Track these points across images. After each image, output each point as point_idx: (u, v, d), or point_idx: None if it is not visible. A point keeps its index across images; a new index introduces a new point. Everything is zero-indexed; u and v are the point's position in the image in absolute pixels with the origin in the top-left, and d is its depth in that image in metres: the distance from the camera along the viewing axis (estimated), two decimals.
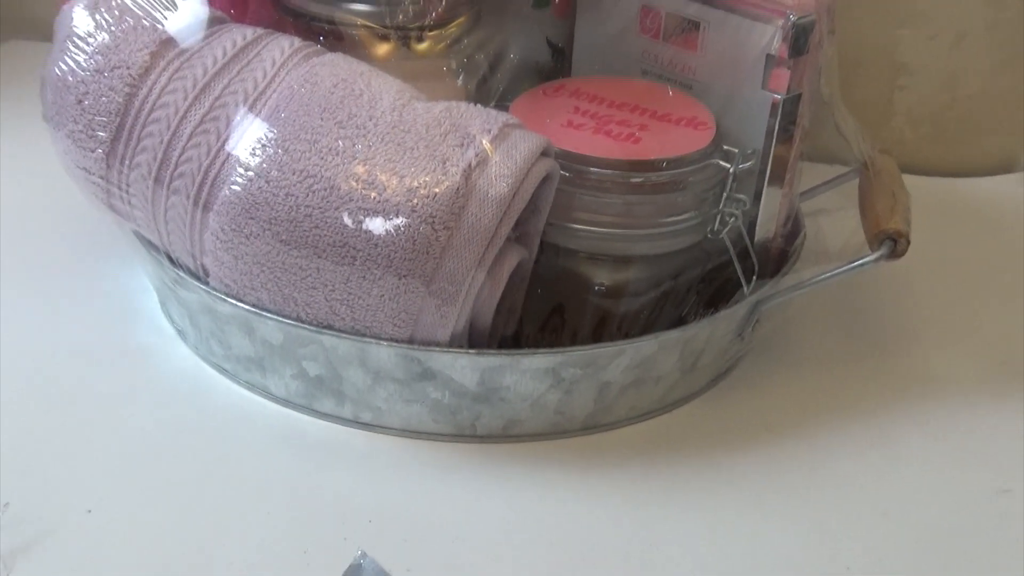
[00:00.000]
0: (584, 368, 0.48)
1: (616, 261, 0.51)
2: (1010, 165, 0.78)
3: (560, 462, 0.49)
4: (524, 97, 0.54)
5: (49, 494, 0.45)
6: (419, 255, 0.44)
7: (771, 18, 0.50)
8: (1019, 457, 0.51)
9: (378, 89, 0.47)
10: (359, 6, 0.52)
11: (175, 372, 0.53)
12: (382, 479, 0.47)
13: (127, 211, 0.50)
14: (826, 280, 0.53)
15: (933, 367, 0.57)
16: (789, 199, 0.56)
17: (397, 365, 0.47)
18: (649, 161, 0.49)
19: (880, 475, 0.49)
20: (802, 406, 0.54)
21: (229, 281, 0.48)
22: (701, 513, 0.46)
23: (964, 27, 0.74)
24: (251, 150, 0.46)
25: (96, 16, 0.49)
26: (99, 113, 0.48)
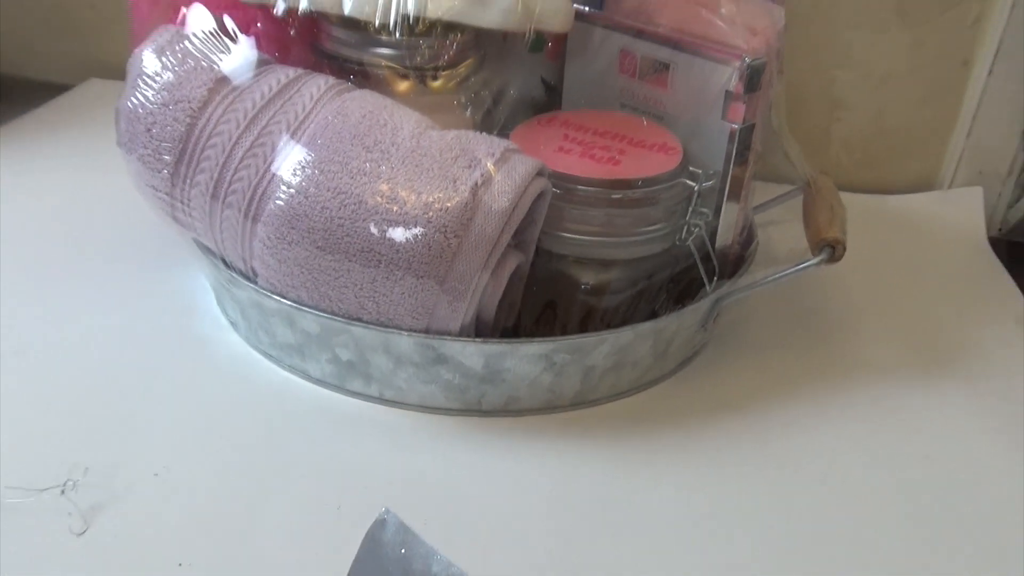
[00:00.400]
0: (572, 354, 0.48)
1: (599, 264, 0.51)
2: (929, 184, 0.78)
3: (552, 433, 0.49)
4: (522, 127, 0.54)
5: (122, 459, 0.45)
6: (434, 259, 0.44)
7: (729, 61, 0.50)
8: (937, 429, 0.51)
9: (399, 120, 0.47)
10: (383, 50, 0.52)
11: (229, 357, 0.53)
12: (403, 448, 0.47)
13: (188, 222, 0.50)
14: (775, 280, 0.53)
15: (865, 353, 0.57)
16: (744, 212, 0.56)
17: (415, 351, 0.47)
18: (627, 180, 0.49)
19: (820, 444, 0.49)
20: (756, 386, 0.53)
21: (274, 281, 0.48)
22: (671, 475, 0.46)
23: (889, 69, 0.74)
24: (292, 171, 0.46)
25: (162, 58, 0.49)
26: (165, 140, 0.48)
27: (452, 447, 0.47)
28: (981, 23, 0.71)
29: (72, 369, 0.51)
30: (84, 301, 0.56)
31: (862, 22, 0.72)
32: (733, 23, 0.52)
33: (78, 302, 0.56)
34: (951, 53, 0.73)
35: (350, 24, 0.51)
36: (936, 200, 0.76)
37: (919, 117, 0.76)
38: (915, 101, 0.75)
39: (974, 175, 0.75)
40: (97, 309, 0.56)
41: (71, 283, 0.58)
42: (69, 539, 0.40)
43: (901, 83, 0.74)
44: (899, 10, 0.71)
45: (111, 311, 0.55)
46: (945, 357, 0.57)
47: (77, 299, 0.56)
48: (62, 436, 0.46)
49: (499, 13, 0.49)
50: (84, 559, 0.39)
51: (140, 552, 0.40)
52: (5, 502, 0.41)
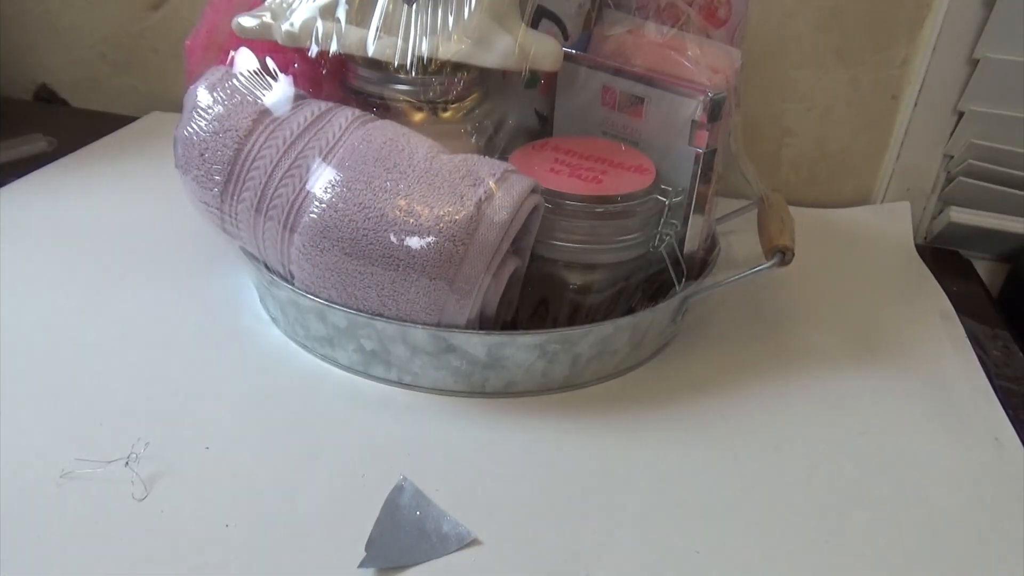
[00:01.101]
0: (562, 344, 0.48)
1: (585, 267, 0.51)
2: (864, 200, 0.77)
3: (545, 412, 0.49)
4: (519, 151, 0.53)
5: (177, 435, 0.44)
6: (444, 263, 0.44)
7: (695, 95, 0.50)
8: (873, 407, 0.51)
9: (415, 145, 0.47)
10: (401, 86, 0.51)
11: (269, 348, 0.52)
12: (418, 424, 0.47)
13: (235, 232, 0.49)
14: (735, 281, 0.52)
15: (812, 344, 0.57)
16: (708, 223, 0.55)
17: (429, 342, 0.47)
18: (608, 196, 0.49)
19: (774, 419, 0.49)
20: (719, 371, 0.53)
21: (308, 282, 0.47)
22: (647, 446, 0.46)
23: (831, 102, 0.74)
24: (324, 188, 0.45)
25: (214, 94, 0.48)
26: (215, 163, 0.47)
27: (460, 424, 0.47)
28: (907, 64, 0.70)
29: (135, 357, 0.50)
30: (146, 300, 0.56)
31: (807, 63, 0.72)
32: (698, 64, 0.51)
33: (141, 300, 0.55)
34: (882, 89, 0.72)
35: (373, 64, 0.50)
36: (871, 213, 0.75)
37: (856, 143, 0.75)
38: (852, 129, 0.75)
39: (903, 192, 0.74)
40: (157, 306, 0.55)
41: (135, 285, 0.57)
42: (132, 504, 0.40)
43: (840, 114, 0.74)
44: (838, 53, 0.71)
45: (169, 308, 0.55)
46: (880, 346, 0.57)
47: (140, 298, 0.56)
48: (126, 415, 0.45)
49: (499, 55, 0.48)
50: (145, 521, 0.39)
51: (192, 514, 0.40)
52: (78, 472, 0.41)
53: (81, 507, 0.39)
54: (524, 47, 0.49)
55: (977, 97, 0.67)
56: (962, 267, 0.71)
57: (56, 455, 0.42)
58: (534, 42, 0.49)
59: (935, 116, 0.70)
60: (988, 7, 0.64)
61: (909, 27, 0.69)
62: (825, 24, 0.70)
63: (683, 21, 0.54)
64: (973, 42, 0.66)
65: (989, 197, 0.69)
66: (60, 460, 0.41)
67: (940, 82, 0.68)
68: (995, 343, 0.59)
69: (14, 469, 0.41)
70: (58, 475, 0.41)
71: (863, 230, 0.73)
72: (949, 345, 0.57)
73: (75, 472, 0.41)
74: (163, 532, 0.38)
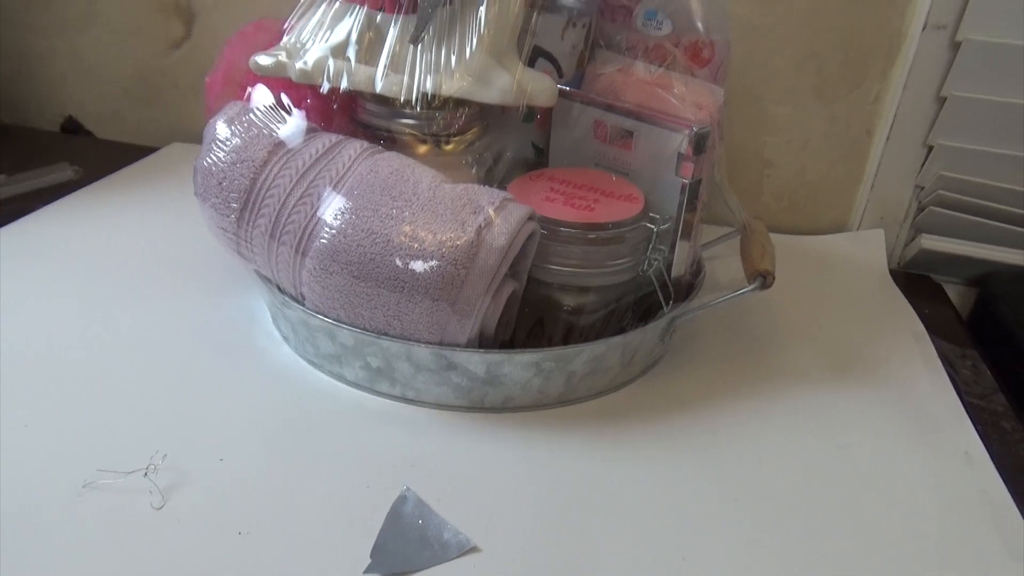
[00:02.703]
0: (557, 362, 0.48)
1: (578, 290, 0.51)
2: (841, 227, 0.78)
3: (541, 426, 0.49)
4: (517, 181, 0.53)
5: (194, 447, 0.44)
6: (446, 286, 0.44)
7: (681, 129, 0.50)
8: (850, 422, 0.51)
9: (419, 175, 0.47)
10: (407, 120, 0.51)
11: (281, 365, 0.52)
12: (420, 438, 0.47)
13: (250, 256, 0.50)
14: (719, 303, 0.53)
15: (792, 362, 0.57)
16: (694, 249, 0.56)
17: (431, 360, 0.47)
18: (600, 224, 0.49)
19: (757, 434, 0.49)
20: (705, 388, 0.53)
21: (319, 303, 0.47)
22: (637, 460, 0.46)
23: (809, 136, 0.74)
24: (334, 215, 0.46)
25: (231, 127, 0.49)
26: (233, 191, 0.48)
27: (460, 438, 0.47)
28: (880, 101, 0.71)
29: (154, 374, 0.50)
30: (165, 319, 0.56)
31: (786, 100, 0.73)
32: (683, 100, 0.52)
33: (160, 320, 0.56)
34: (857, 124, 0.73)
35: (381, 100, 0.51)
36: (847, 240, 0.76)
37: (833, 174, 0.76)
38: (829, 161, 0.75)
39: (877, 220, 0.75)
40: (176, 325, 0.55)
41: (155, 305, 0.57)
42: (150, 512, 0.40)
43: (818, 147, 0.75)
44: (815, 91, 0.72)
45: (187, 327, 0.55)
46: (856, 365, 0.57)
47: (160, 318, 0.56)
48: (145, 428, 0.45)
49: (498, 92, 0.49)
50: (163, 528, 0.39)
51: (208, 522, 0.40)
52: (99, 483, 0.41)
53: (102, 516, 0.39)
54: (522, 84, 0.49)
55: (945, 132, 0.68)
56: (933, 291, 0.71)
57: (79, 466, 0.42)
58: (531, 80, 0.50)
59: (906, 150, 0.71)
60: (954, 49, 0.65)
61: (881, 67, 0.70)
62: (803, 64, 0.71)
63: (670, 61, 0.54)
64: (940, 81, 0.66)
65: (958, 225, 0.70)
66: (83, 471, 0.41)
67: (910, 118, 0.69)
68: (964, 362, 0.59)
69: (40, 479, 0.41)
70: (81, 485, 0.41)
71: (840, 256, 0.73)
72: (921, 364, 0.57)
73: (97, 482, 0.41)
74: (179, 539, 0.39)
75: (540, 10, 0.53)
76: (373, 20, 0.50)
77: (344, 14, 0.51)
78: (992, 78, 0.65)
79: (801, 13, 0.69)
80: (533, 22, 0.52)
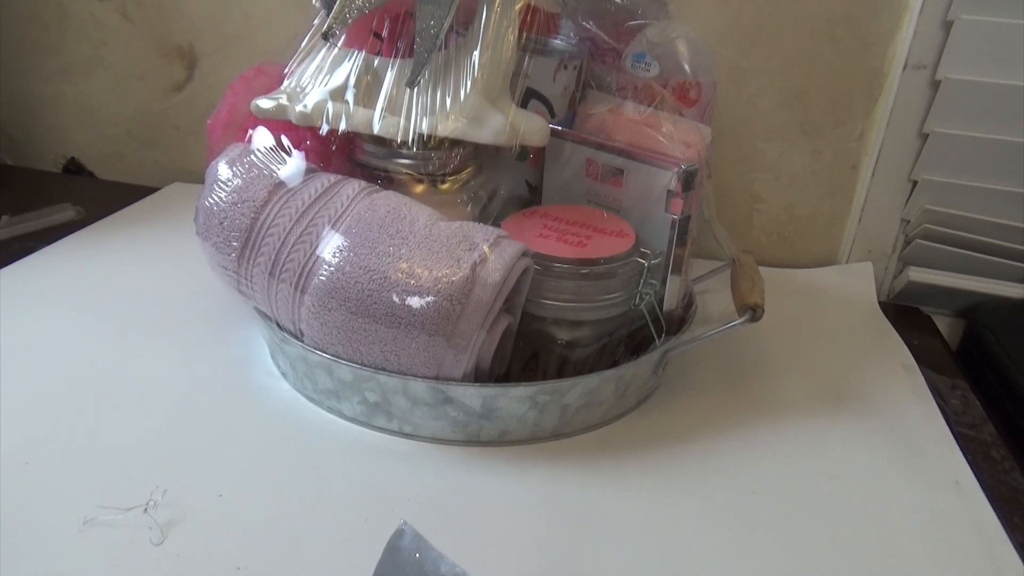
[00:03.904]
0: (551, 395, 0.48)
1: (572, 324, 0.51)
2: (830, 261, 0.79)
3: (537, 459, 0.49)
4: (511, 218, 0.54)
5: (193, 483, 0.45)
6: (442, 321, 0.44)
7: (670, 166, 0.51)
8: (841, 453, 0.51)
9: (416, 213, 0.48)
10: (404, 161, 0.52)
11: (279, 401, 0.53)
12: (417, 472, 0.47)
13: (250, 293, 0.50)
14: (711, 336, 0.53)
15: (783, 394, 0.57)
16: (685, 283, 0.56)
17: (428, 394, 0.47)
18: (592, 259, 0.50)
19: (749, 465, 0.49)
20: (698, 420, 0.53)
21: (317, 339, 0.48)
22: (631, 492, 0.46)
23: (796, 172, 0.76)
24: (333, 253, 0.46)
25: (233, 168, 0.50)
26: (234, 230, 0.48)
27: (457, 472, 0.47)
28: (864, 137, 0.73)
29: (154, 410, 0.51)
30: (165, 355, 0.56)
31: (773, 137, 0.74)
32: (672, 139, 0.53)
33: (161, 357, 0.56)
34: (843, 160, 0.74)
35: (378, 141, 0.52)
36: (836, 273, 0.77)
37: (820, 208, 0.77)
38: (817, 196, 0.76)
39: (865, 253, 0.76)
40: (176, 361, 0.56)
41: (155, 342, 0.58)
42: (150, 548, 0.40)
43: (805, 183, 0.76)
44: (802, 127, 0.74)
45: (187, 363, 0.56)
46: (846, 396, 0.57)
47: (160, 354, 0.56)
48: (145, 464, 0.46)
49: (492, 132, 0.50)
50: (162, 564, 0.39)
51: (206, 558, 0.40)
52: (100, 519, 0.41)
53: (102, 552, 0.39)
54: (515, 125, 0.50)
55: (928, 167, 0.69)
56: (922, 322, 0.72)
57: (80, 502, 0.42)
58: (524, 120, 0.51)
59: (891, 184, 0.72)
60: (934, 87, 0.67)
61: (865, 104, 0.71)
62: (788, 102, 0.73)
63: (658, 101, 0.56)
64: (922, 118, 0.68)
65: (945, 257, 0.71)
66: (84, 508, 0.42)
67: (894, 154, 0.71)
68: (954, 392, 0.60)
69: (41, 517, 0.41)
70: (81, 521, 0.41)
71: (829, 289, 0.74)
72: (911, 395, 0.58)
73: (98, 518, 0.41)
74: (178, 575, 0.39)
75: (532, 53, 0.54)
76: (371, 64, 0.52)
77: (343, 59, 0.52)
78: (972, 115, 0.66)
79: (785, 55, 0.71)
80: (525, 65, 0.54)
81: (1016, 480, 0.50)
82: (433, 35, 0.49)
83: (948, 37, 0.64)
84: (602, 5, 0.58)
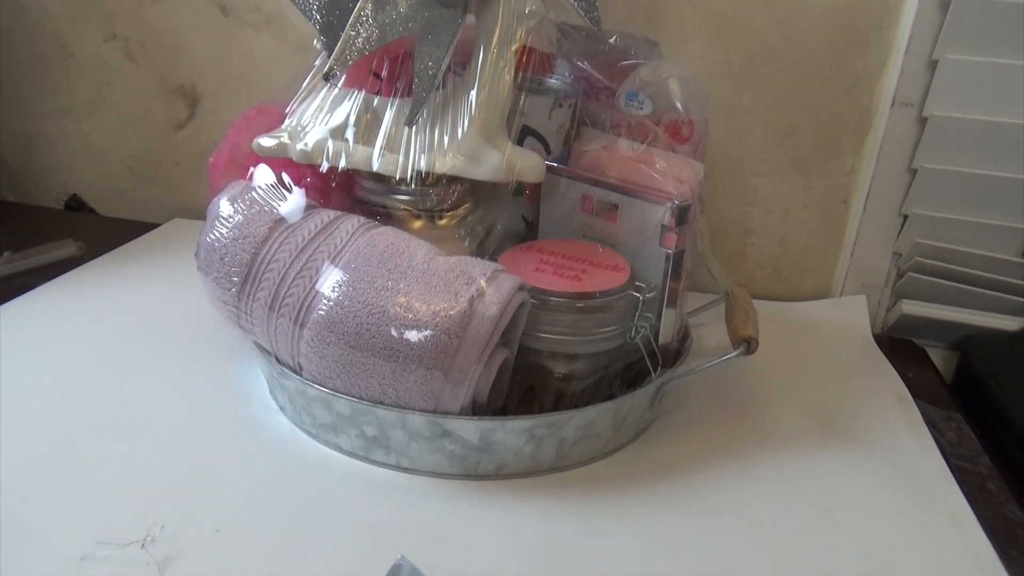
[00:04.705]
0: (549, 428, 0.49)
1: (568, 357, 0.52)
2: (824, 294, 0.79)
3: (534, 493, 0.49)
4: (507, 253, 0.55)
5: (190, 518, 0.44)
6: (440, 355, 0.45)
7: (663, 202, 0.52)
8: (837, 484, 0.51)
9: (414, 248, 0.49)
10: (402, 197, 0.53)
11: (277, 435, 0.53)
12: (415, 506, 0.47)
13: (250, 328, 0.51)
14: (706, 369, 0.53)
15: (779, 426, 0.57)
16: (680, 316, 0.57)
17: (425, 427, 0.47)
18: (588, 293, 0.50)
19: (747, 497, 0.49)
20: (695, 452, 0.54)
21: (316, 373, 0.48)
22: (629, 526, 0.46)
23: (789, 206, 0.77)
24: (332, 288, 0.47)
25: (234, 205, 0.50)
26: (234, 266, 0.49)
27: (454, 506, 0.47)
28: (855, 172, 0.74)
29: (153, 445, 0.51)
30: (164, 390, 0.57)
31: (765, 172, 0.75)
32: (665, 175, 0.54)
33: (160, 392, 0.56)
34: (834, 194, 0.75)
35: (377, 177, 0.53)
36: (830, 306, 0.77)
37: (813, 242, 0.77)
38: (809, 230, 0.77)
39: (858, 286, 0.77)
40: (174, 396, 0.56)
41: (155, 377, 0.58)
42: None
43: (798, 217, 0.77)
44: (793, 163, 0.75)
45: (186, 399, 0.56)
46: (842, 428, 0.57)
47: (159, 389, 0.57)
48: (142, 499, 0.46)
49: (489, 169, 0.51)
50: None
51: None
52: (97, 554, 0.41)
53: None
54: (511, 162, 0.51)
55: (918, 202, 0.71)
56: (916, 355, 0.72)
57: (77, 538, 0.42)
58: (520, 157, 0.52)
59: (882, 218, 0.73)
60: (921, 124, 0.68)
61: (854, 140, 0.73)
62: (779, 138, 0.74)
63: (651, 138, 0.57)
64: (911, 154, 0.69)
65: (937, 290, 0.72)
66: (81, 544, 0.42)
67: (885, 188, 0.72)
68: (949, 425, 0.60)
69: (38, 553, 0.41)
70: (79, 558, 0.41)
71: (824, 322, 0.74)
72: (906, 427, 0.58)
73: (95, 555, 0.41)
74: None
75: (528, 92, 0.56)
76: (370, 104, 0.53)
77: (343, 98, 0.53)
78: (959, 151, 0.68)
79: (776, 93, 0.72)
80: (521, 103, 0.55)
81: (1012, 512, 0.50)
82: (431, 75, 0.50)
83: (934, 76, 0.66)
84: (596, 45, 0.60)
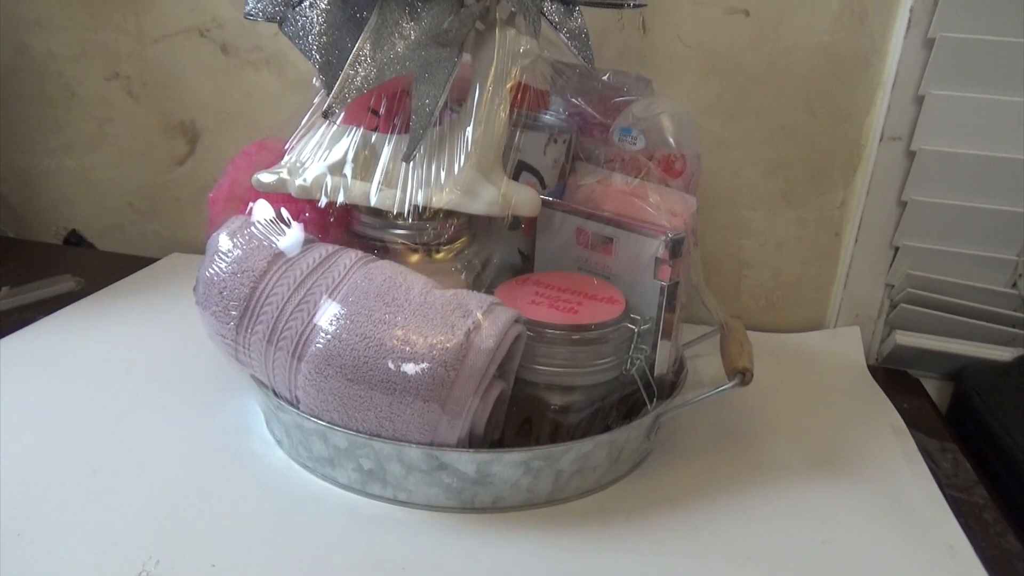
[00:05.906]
0: (545, 460, 0.49)
1: (564, 389, 0.52)
2: (818, 325, 0.80)
3: (531, 525, 0.49)
4: (504, 286, 0.55)
5: (186, 553, 0.44)
6: (437, 387, 0.45)
7: (657, 235, 0.52)
8: (833, 516, 0.51)
9: (411, 282, 0.49)
10: (399, 231, 0.54)
11: (274, 469, 0.53)
12: (412, 539, 0.47)
13: (247, 361, 0.51)
14: (701, 400, 0.54)
15: (775, 457, 0.57)
16: (675, 348, 0.57)
17: (422, 460, 0.48)
18: (584, 325, 0.50)
19: (744, 529, 0.49)
20: (692, 483, 0.54)
21: (313, 406, 0.48)
22: (626, 559, 0.46)
23: (782, 239, 0.78)
24: (329, 321, 0.47)
25: (233, 239, 0.51)
26: (232, 299, 0.49)
27: (451, 539, 0.47)
28: (846, 205, 0.75)
29: (149, 478, 0.51)
30: (161, 425, 0.56)
31: (758, 205, 0.77)
32: (659, 208, 0.55)
33: (157, 426, 0.56)
34: (826, 227, 0.76)
35: (375, 212, 0.53)
36: (824, 337, 0.77)
37: (806, 274, 0.78)
38: (802, 262, 0.78)
39: (852, 318, 0.77)
40: (171, 431, 0.56)
41: (152, 411, 0.58)
42: None
43: (791, 249, 0.78)
44: (785, 196, 0.76)
45: (183, 433, 0.56)
46: (837, 460, 0.57)
47: (157, 423, 0.57)
48: (139, 534, 0.46)
49: (485, 204, 0.51)
50: None
51: None
52: None
53: None
54: (507, 196, 0.52)
55: (908, 234, 0.72)
56: (911, 385, 0.73)
57: (74, 573, 0.42)
58: (515, 192, 0.53)
59: (874, 250, 0.74)
60: (910, 158, 0.70)
61: (845, 174, 0.74)
62: (771, 172, 0.75)
63: (645, 173, 0.58)
64: (900, 187, 0.71)
65: (930, 321, 0.72)
66: None
67: (876, 221, 0.73)
68: (944, 455, 0.60)
69: None
70: None
71: (818, 353, 0.75)
72: (902, 458, 0.58)
73: None
74: None
75: (523, 128, 0.57)
76: (368, 140, 0.54)
77: (342, 135, 0.54)
78: (947, 183, 0.69)
79: (767, 127, 0.74)
80: (517, 139, 0.56)
81: (1009, 543, 0.50)
82: (428, 112, 0.51)
83: (921, 111, 0.68)
84: (590, 83, 0.61)
